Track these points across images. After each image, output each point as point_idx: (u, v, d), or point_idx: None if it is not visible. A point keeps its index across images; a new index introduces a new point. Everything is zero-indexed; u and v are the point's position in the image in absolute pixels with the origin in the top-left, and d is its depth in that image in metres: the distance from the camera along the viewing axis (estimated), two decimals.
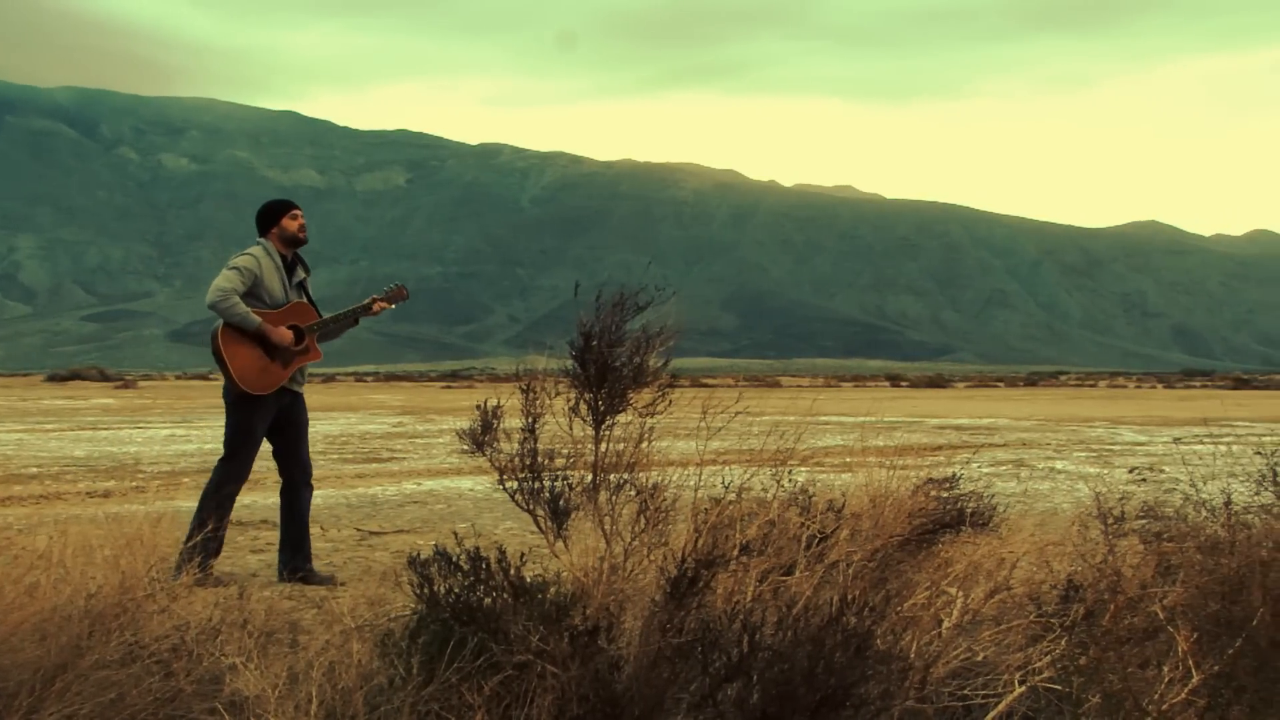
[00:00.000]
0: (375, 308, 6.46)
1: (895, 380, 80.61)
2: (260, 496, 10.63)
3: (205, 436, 20.00)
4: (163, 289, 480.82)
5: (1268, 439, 5.05)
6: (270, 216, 6.27)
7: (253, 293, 6.03)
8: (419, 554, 3.60)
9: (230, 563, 6.89)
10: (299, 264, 6.35)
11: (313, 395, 49.11)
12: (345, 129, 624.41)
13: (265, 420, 6.25)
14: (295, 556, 6.27)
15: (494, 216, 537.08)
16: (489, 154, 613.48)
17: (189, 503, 10.07)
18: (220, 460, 6.34)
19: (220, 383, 6.45)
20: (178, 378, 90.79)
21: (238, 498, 6.51)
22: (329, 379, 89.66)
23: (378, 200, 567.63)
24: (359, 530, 8.46)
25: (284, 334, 6.06)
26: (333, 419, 27.32)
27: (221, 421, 6.50)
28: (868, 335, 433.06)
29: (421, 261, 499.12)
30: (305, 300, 6.32)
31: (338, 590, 5.79)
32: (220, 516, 6.12)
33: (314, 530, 8.36)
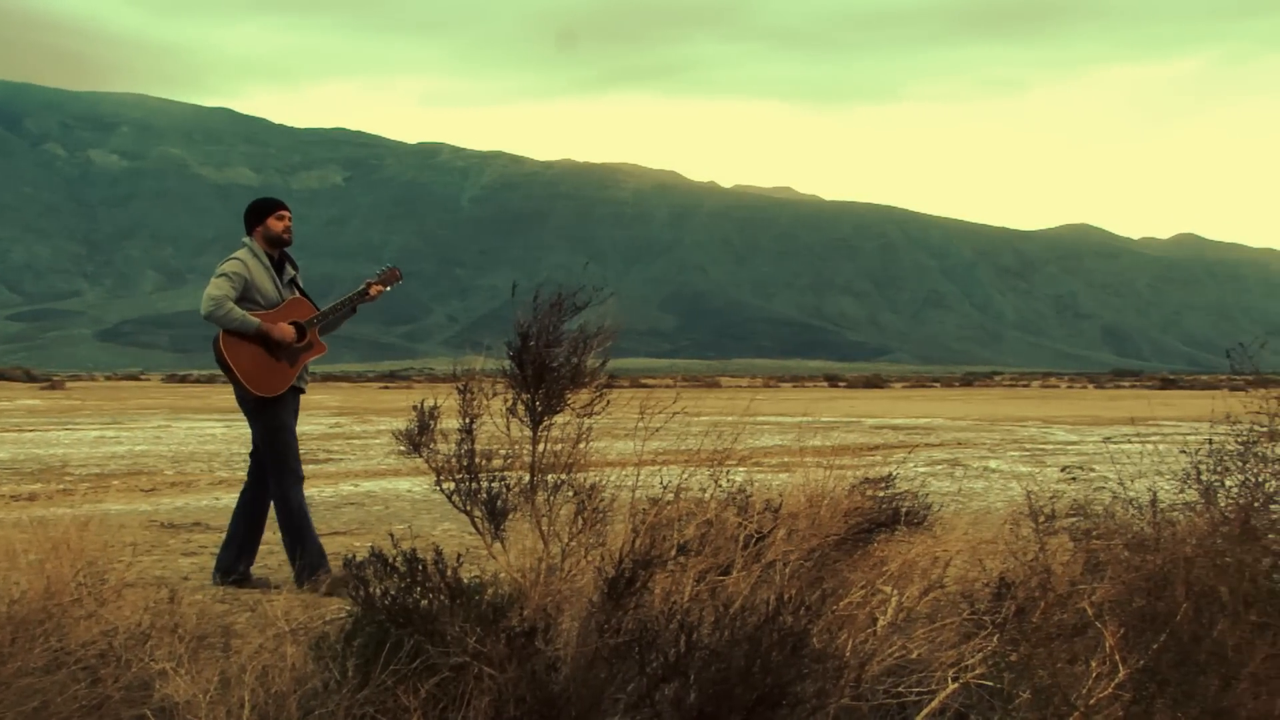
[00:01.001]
0: (372, 291, 6.33)
1: (833, 380, 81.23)
2: (193, 499, 10.47)
3: (136, 438, 19.65)
4: (92, 288, 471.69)
5: (1192, 438, 5.17)
6: (256, 215, 6.16)
7: (246, 296, 5.90)
8: (354, 556, 3.57)
9: (161, 566, 6.77)
10: (287, 261, 6.24)
11: None
12: (281, 127, 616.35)
13: (292, 413, 6.07)
14: (238, 560, 6.11)
15: (433, 216, 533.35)
16: (428, 153, 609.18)
17: (119, 506, 9.89)
18: (273, 475, 6.08)
19: (229, 390, 6.29)
20: (107, 378, 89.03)
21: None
22: None
23: (315, 199, 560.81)
24: None
25: (285, 330, 5.93)
26: None
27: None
28: (806, 336, 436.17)
29: (360, 261, 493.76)
30: (300, 295, 6.21)
31: (272, 593, 5.71)
32: (309, 524, 5.97)
33: None
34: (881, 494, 5.32)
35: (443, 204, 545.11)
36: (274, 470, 6.06)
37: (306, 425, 24.26)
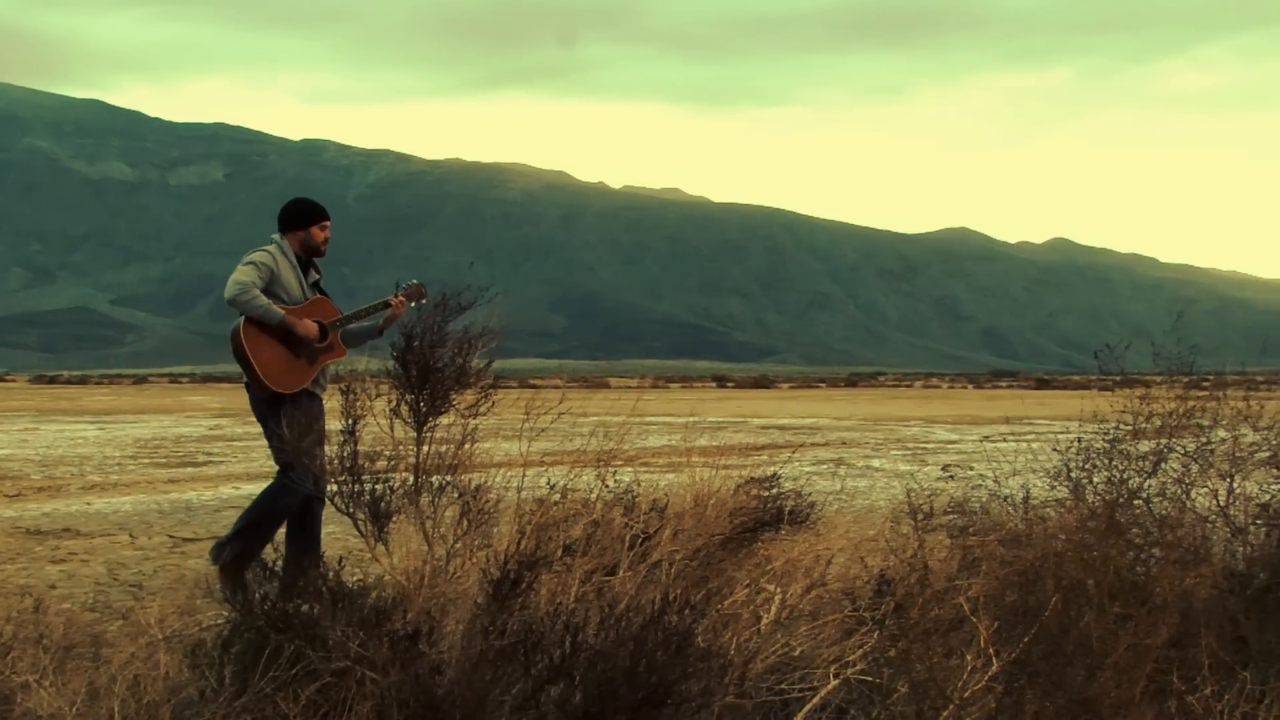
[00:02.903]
0: (393, 303, 6.02)
1: (721, 381, 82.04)
2: (62, 504, 10.10)
3: (0, 441, 18.91)
4: None
5: (1063, 437, 5.35)
6: (298, 218, 5.86)
7: (270, 290, 5.60)
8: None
9: (26, 574, 6.53)
10: (312, 265, 5.98)
11: (122, 397, 47.00)
12: (158, 121, 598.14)
13: (313, 416, 5.60)
14: (231, 551, 5.60)
15: None
16: (312, 150, 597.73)
17: None
18: (278, 474, 5.61)
19: (243, 393, 5.89)
20: None
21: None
22: (140, 380, 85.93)
23: (194, 195, 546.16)
24: (171, 537, 8.13)
25: (309, 326, 5.63)
26: (144, 422, 26.17)
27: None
28: (695, 336, 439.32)
29: (241, 259, 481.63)
30: (323, 295, 5.94)
31: (145, 600, 5.54)
32: (271, 531, 5.51)
33: (121, 538, 8.00)
34: (766, 493, 5.39)
35: (328, 202, 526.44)
36: (279, 471, 5.71)
37: (185, 428, 23.61)
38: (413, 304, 5.94)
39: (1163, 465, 4.29)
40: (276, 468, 5.55)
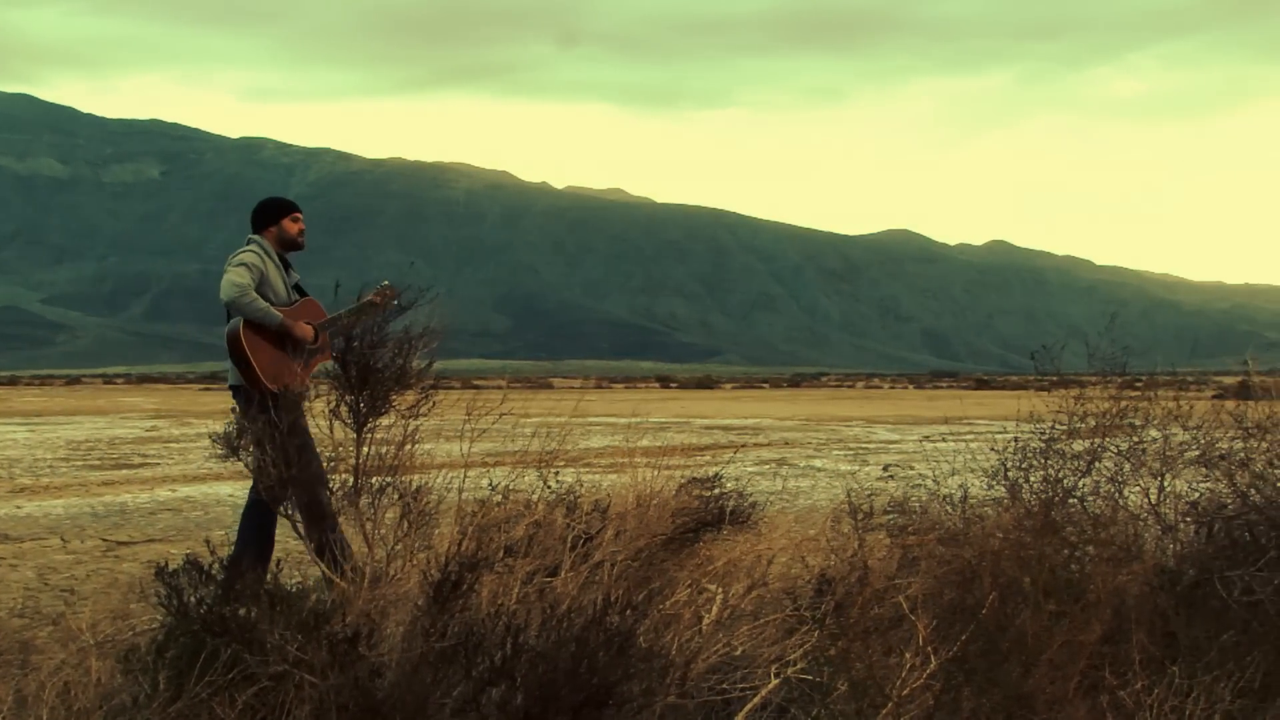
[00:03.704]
0: (381, 302, 5.93)
1: (665, 382, 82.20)
2: None
3: None
4: None
5: (1001, 436, 5.44)
6: (270, 215, 5.80)
7: (259, 291, 5.54)
8: (167, 564, 3.43)
9: None
10: (290, 264, 5.91)
11: (53, 398, 46.08)
12: (91, 117, 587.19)
13: (298, 411, 5.55)
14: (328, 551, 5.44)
15: None
16: (251, 148, 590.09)
17: None
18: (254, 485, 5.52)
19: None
20: None
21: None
22: (73, 381, 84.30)
23: (129, 193, 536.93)
24: (105, 540, 7.98)
25: (305, 329, 5.57)
26: (78, 423, 25.68)
27: None
28: (638, 337, 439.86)
29: (178, 258, 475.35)
30: (309, 297, 5.86)
31: (77, 605, 5.44)
32: (267, 530, 5.34)
33: (52, 542, 7.85)
34: (708, 494, 5.41)
35: None
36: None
37: (120, 429, 23.22)
38: (394, 302, 5.91)
39: (1097, 464, 4.37)
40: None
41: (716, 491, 5.54)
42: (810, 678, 3.34)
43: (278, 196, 5.96)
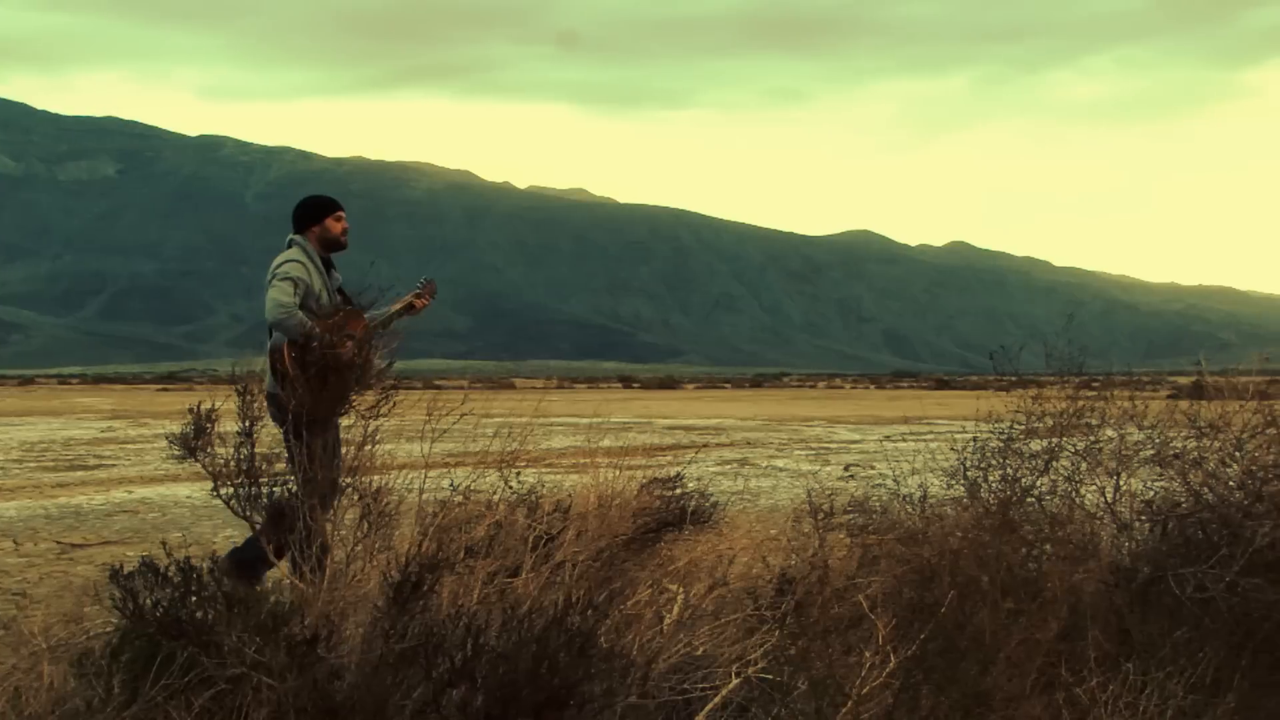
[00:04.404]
0: (417, 305, 5.83)
1: (627, 382, 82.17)
2: None
3: None
4: None
5: (961, 436, 5.48)
6: (312, 214, 5.61)
7: (302, 304, 5.36)
8: (123, 566, 3.39)
9: None
10: (333, 265, 5.73)
11: (6, 399, 45.40)
12: (45, 113, 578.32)
13: (335, 426, 5.43)
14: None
15: (216, 212, 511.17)
16: (209, 147, 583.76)
17: None
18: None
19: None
20: None
21: None
22: (26, 381, 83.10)
23: (84, 191, 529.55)
24: (59, 543, 7.88)
25: (347, 347, 5.41)
26: (31, 424, 25.33)
27: None
28: (601, 337, 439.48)
29: (135, 257, 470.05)
30: (350, 305, 5.68)
31: (29, 609, 5.36)
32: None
33: (4, 545, 7.74)
34: (670, 494, 5.42)
35: (227, 199, 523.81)
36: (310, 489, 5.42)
37: (74, 430, 22.92)
38: (428, 302, 5.84)
39: (1054, 464, 4.41)
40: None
41: (678, 491, 5.55)
42: (771, 677, 3.35)
43: (320, 194, 5.77)
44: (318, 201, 5.75)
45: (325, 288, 5.57)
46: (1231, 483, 4.10)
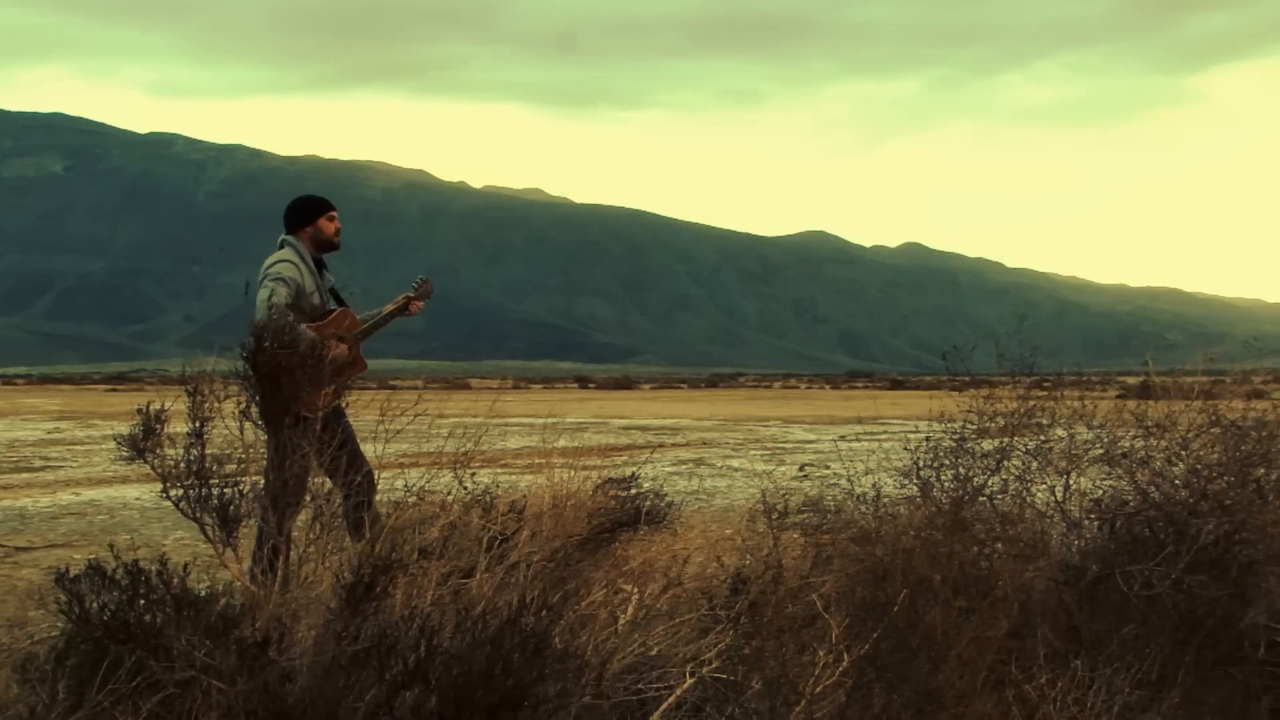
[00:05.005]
0: (412, 308, 5.78)
1: (583, 382, 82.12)
2: None
3: None
4: None
5: (914, 436, 5.55)
6: (305, 214, 5.53)
7: (294, 304, 5.26)
8: (68, 569, 3.34)
9: None
10: (324, 265, 5.64)
11: None
12: None
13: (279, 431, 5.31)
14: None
15: (167, 210, 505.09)
16: (160, 144, 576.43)
17: None
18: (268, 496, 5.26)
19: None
20: None
21: None
22: None
23: (29, 188, 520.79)
24: (3, 546, 7.75)
25: (339, 349, 5.32)
26: None
27: None
28: (557, 337, 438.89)
29: (84, 256, 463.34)
30: (341, 305, 5.59)
31: None
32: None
33: None
34: (625, 494, 5.42)
35: (177, 197, 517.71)
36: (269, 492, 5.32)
37: (20, 431, 22.55)
38: (423, 303, 5.82)
39: (1005, 463, 4.46)
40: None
41: (633, 492, 5.56)
42: (725, 676, 3.36)
43: (313, 194, 5.73)
44: (311, 202, 5.73)
45: (317, 288, 5.54)
46: (1177, 481, 4.16)
